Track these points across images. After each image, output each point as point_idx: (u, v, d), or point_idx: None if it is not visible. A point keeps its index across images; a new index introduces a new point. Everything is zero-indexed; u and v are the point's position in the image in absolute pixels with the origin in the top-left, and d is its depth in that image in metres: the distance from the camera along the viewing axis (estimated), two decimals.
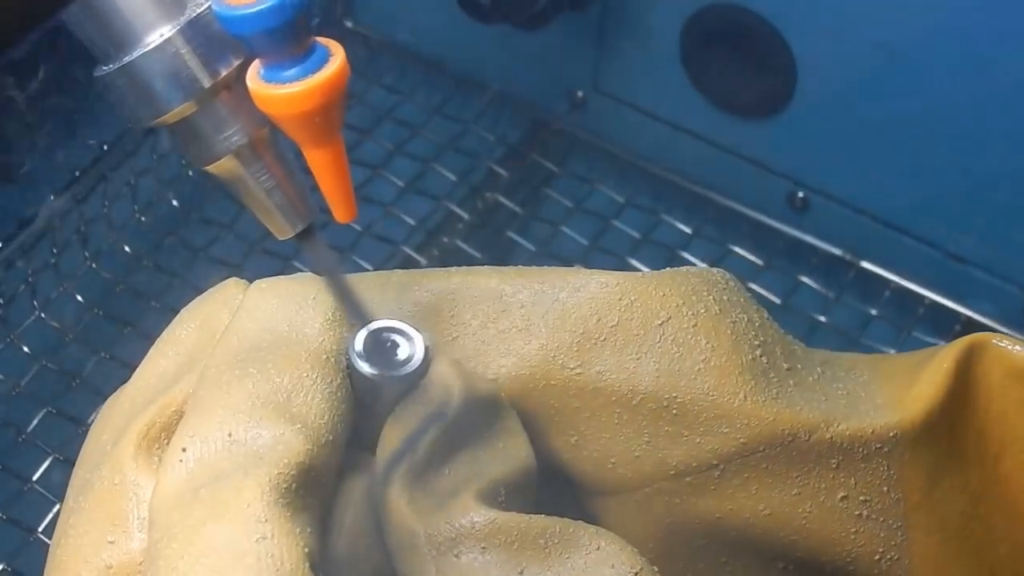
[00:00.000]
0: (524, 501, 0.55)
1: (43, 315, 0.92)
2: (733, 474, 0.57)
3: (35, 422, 0.87)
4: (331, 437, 0.51)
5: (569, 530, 0.52)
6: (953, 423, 0.59)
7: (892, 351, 0.95)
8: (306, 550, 0.47)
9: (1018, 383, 0.59)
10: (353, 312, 0.53)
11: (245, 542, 0.46)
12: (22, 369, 0.89)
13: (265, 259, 0.97)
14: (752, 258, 1.01)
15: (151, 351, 0.57)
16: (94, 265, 0.95)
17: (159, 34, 0.48)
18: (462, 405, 0.53)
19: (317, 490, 0.50)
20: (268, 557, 0.46)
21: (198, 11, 0.48)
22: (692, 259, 1.01)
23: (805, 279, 1.00)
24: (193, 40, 0.48)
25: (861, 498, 0.58)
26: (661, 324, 0.57)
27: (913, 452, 0.58)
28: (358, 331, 0.53)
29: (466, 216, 1.04)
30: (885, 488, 0.58)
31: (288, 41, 0.46)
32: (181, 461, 0.49)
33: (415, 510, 0.51)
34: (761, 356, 0.58)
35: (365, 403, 0.54)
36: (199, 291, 0.93)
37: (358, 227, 0.99)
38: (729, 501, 0.58)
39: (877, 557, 0.59)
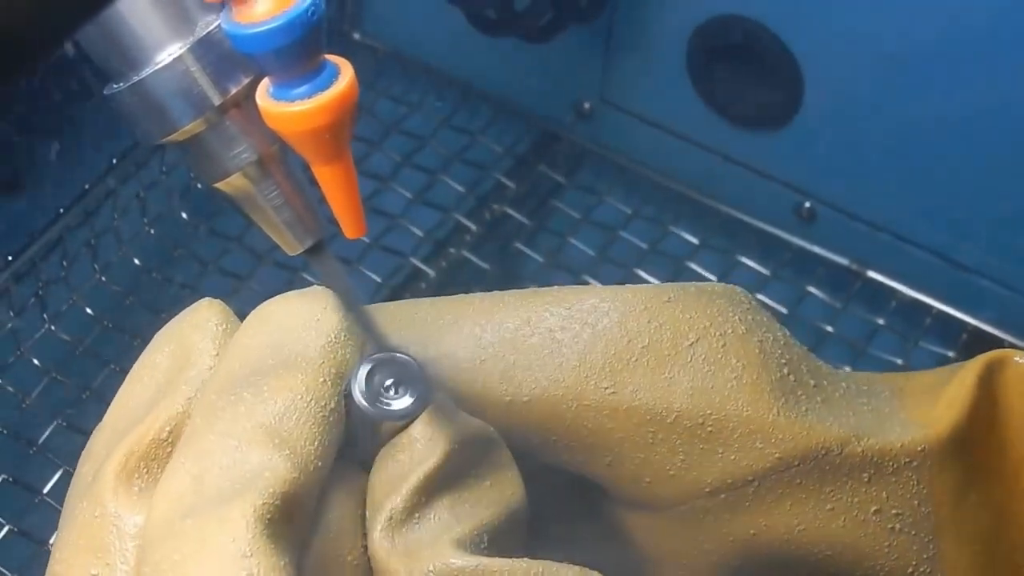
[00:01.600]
0: (510, 542, 0.55)
1: (53, 328, 0.92)
2: (768, 490, 0.57)
3: (46, 434, 0.87)
4: (319, 463, 0.51)
5: (552, 574, 0.52)
6: (977, 439, 0.59)
7: (899, 361, 0.96)
8: None
9: None
10: (363, 330, 0.53)
11: None
12: (32, 382, 0.90)
13: (274, 271, 0.97)
14: (759, 268, 1.01)
15: (127, 378, 0.57)
16: (103, 278, 0.95)
17: (169, 52, 0.48)
18: (452, 446, 0.53)
19: (300, 518, 0.50)
20: None
21: (208, 29, 0.48)
22: (699, 270, 1.01)
23: (812, 289, 1.01)
24: (203, 58, 0.48)
25: (894, 511, 0.58)
26: (691, 344, 0.57)
27: (940, 467, 0.58)
28: (362, 362, 0.53)
29: (474, 227, 1.04)
30: (916, 502, 0.58)
31: (297, 59, 0.46)
32: (170, 487, 0.50)
33: (396, 552, 0.51)
34: (788, 374, 0.58)
35: (362, 428, 0.54)
36: None
37: (366, 239, 1.00)
38: (764, 518, 0.58)
39: (910, 571, 0.59)
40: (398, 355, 0.53)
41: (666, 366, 0.57)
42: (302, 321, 0.54)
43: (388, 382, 0.53)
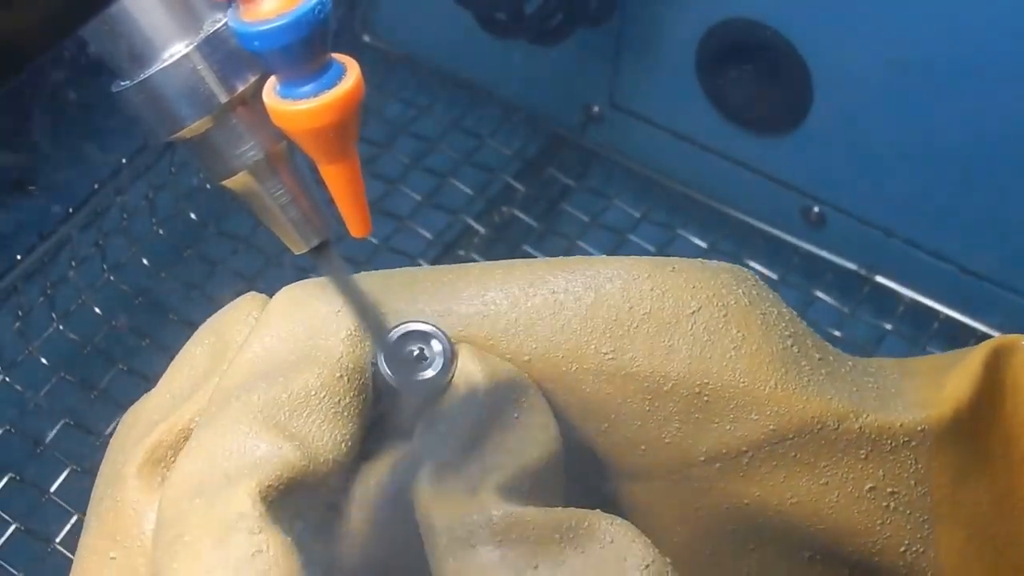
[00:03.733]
0: (551, 484, 0.56)
1: (61, 327, 0.92)
2: (762, 462, 0.58)
3: (53, 433, 0.87)
4: (331, 456, 0.51)
5: (585, 523, 0.53)
6: (980, 424, 0.59)
7: None
8: (300, 561, 0.48)
9: None
10: (370, 325, 0.54)
11: (242, 558, 0.47)
12: (41, 381, 0.90)
13: (283, 272, 0.97)
14: (767, 273, 1.01)
15: (168, 368, 0.58)
16: (112, 278, 0.95)
17: (176, 50, 0.48)
18: (487, 395, 0.54)
19: (315, 505, 0.51)
20: (264, 572, 0.47)
21: (215, 27, 0.48)
22: None
23: (820, 294, 1.01)
24: (210, 56, 0.48)
25: (889, 490, 0.58)
26: (692, 313, 0.57)
27: (940, 449, 0.58)
28: (383, 338, 0.53)
29: (482, 230, 1.04)
30: (912, 482, 0.59)
31: (304, 58, 0.46)
32: (183, 470, 0.50)
33: (439, 502, 0.52)
34: (792, 345, 0.58)
35: (395, 403, 0.54)
36: (217, 303, 0.94)
37: (375, 240, 1.00)
38: (757, 488, 0.58)
39: (903, 549, 0.59)
40: (417, 325, 0.54)
41: (666, 334, 0.57)
42: (323, 313, 0.54)
43: (415, 353, 0.54)
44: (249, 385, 0.52)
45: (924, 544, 0.59)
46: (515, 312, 0.57)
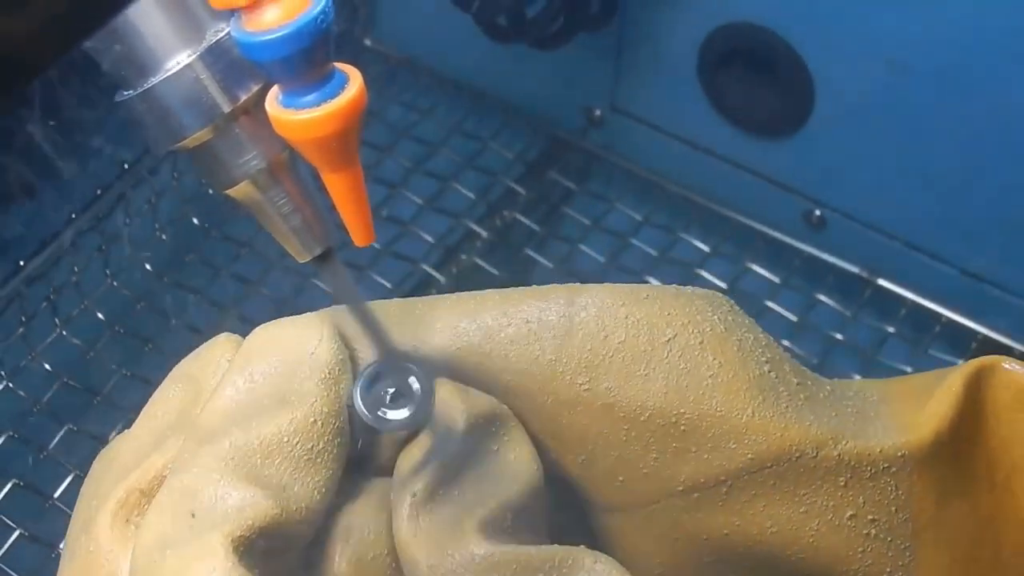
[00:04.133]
0: (534, 517, 0.55)
1: (64, 332, 0.92)
2: (740, 490, 0.57)
3: (56, 439, 0.87)
4: (303, 504, 0.51)
5: (569, 560, 0.53)
6: (962, 446, 0.59)
7: (909, 369, 0.95)
8: None
9: None
10: (372, 339, 0.54)
11: None
12: (43, 386, 0.90)
13: (285, 276, 0.97)
14: (769, 276, 1.01)
15: (143, 411, 0.57)
16: (115, 283, 0.95)
17: (179, 60, 0.49)
18: (466, 431, 0.54)
19: (286, 552, 0.50)
20: None
21: (218, 37, 0.49)
22: (709, 277, 1.01)
23: (822, 297, 1.01)
24: (213, 66, 0.49)
25: (869, 517, 0.58)
26: (667, 341, 0.57)
27: (921, 473, 0.58)
28: (359, 378, 0.53)
29: (484, 234, 1.04)
30: (893, 508, 0.58)
31: (306, 67, 0.46)
32: (154, 520, 0.50)
33: (421, 540, 0.52)
34: (770, 371, 0.58)
35: (374, 441, 0.54)
36: (220, 308, 0.95)
37: (377, 245, 1.00)
38: (737, 517, 0.58)
39: None
40: (396, 364, 0.54)
41: (642, 362, 0.57)
42: (296, 354, 0.54)
43: (389, 392, 0.53)
44: (221, 431, 0.51)
45: (906, 571, 0.59)
46: (488, 344, 0.56)
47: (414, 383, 0.53)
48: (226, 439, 0.51)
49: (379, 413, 0.53)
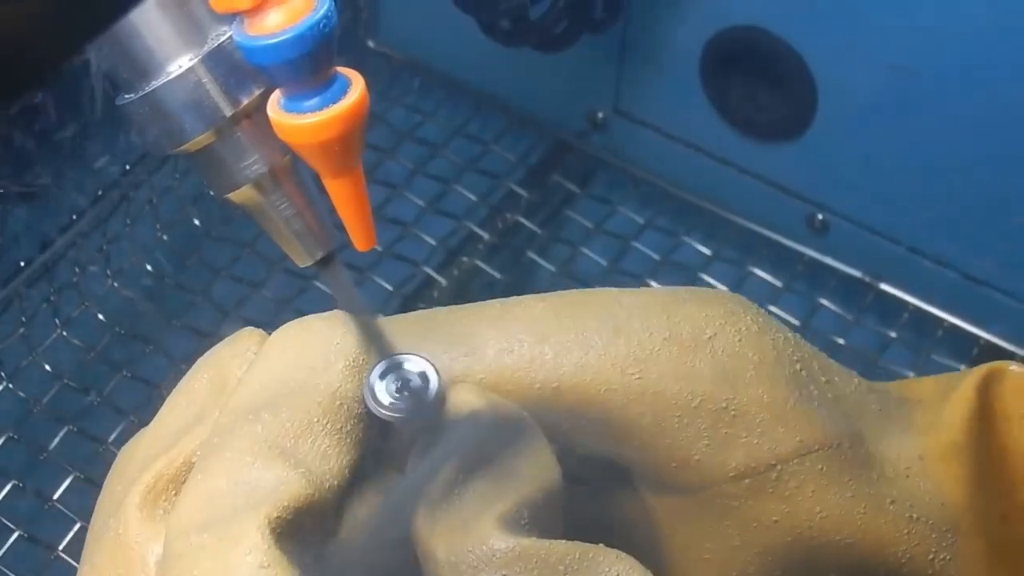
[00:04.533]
0: (549, 519, 0.56)
1: (65, 333, 0.92)
2: (790, 476, 0.59)
3: (56, 440, 0.87)
4: (335, 482, 0.52)
5: (589, 556, 0.53)
6: (978, 446, 0.60)
7: (911, 374, 0.95)
8: None
9: None
10: (373, 342, 0.54)
11: None
12: (44, 387, 0.90)
13: (287, 278, 0.97)
14: (771, 280, 1.01)
15: (166, 402, 0.58)
16: (116, 284, 0.95)
17: (181, 63, 0.48)
18: (485, 429, 0.54)
19: (317, 532, 0.51)
20: None
21: (220, 41, 0.48)
22: (712, 281, 1.01)
23: (824, 301, 1.01)
24: (215, 69, 0.48)
25: (908, 503, 0.60)
26: (709, 339, 0.59)
27: (947, 469, 0.60)
28: (372, 370, 0.53)
29: (486, 236, 1.04)
30: (927, 498, 0.60)
31: (308, 71, 0.46)
32: (188, 503, 0.50)
33: (439, 533, 0.52)
34: (801, 370, 0.60)
35: (388, 434, 0.54)
36: (221, 310, 0.95)
37: (378, 247, 0.99)
38: (786, 503, 0.59)
39: (930, 557, 0.60)
40: (410, 356, 0.54)
41: (688, 354, 0.58)
42: (322, 344, 0.55)
43: (400, 385, 0.54)
44: (251, 416, 0.52)
45: (950, 552, 0.60)
46: (541, 345, 0.58)
47: (429, 378, 0.54)
48: (257, 423, 0.52)
49: (389, 404, 0.53)
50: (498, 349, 0.57)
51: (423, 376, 0.54)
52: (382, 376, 0.54)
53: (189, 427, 0.55)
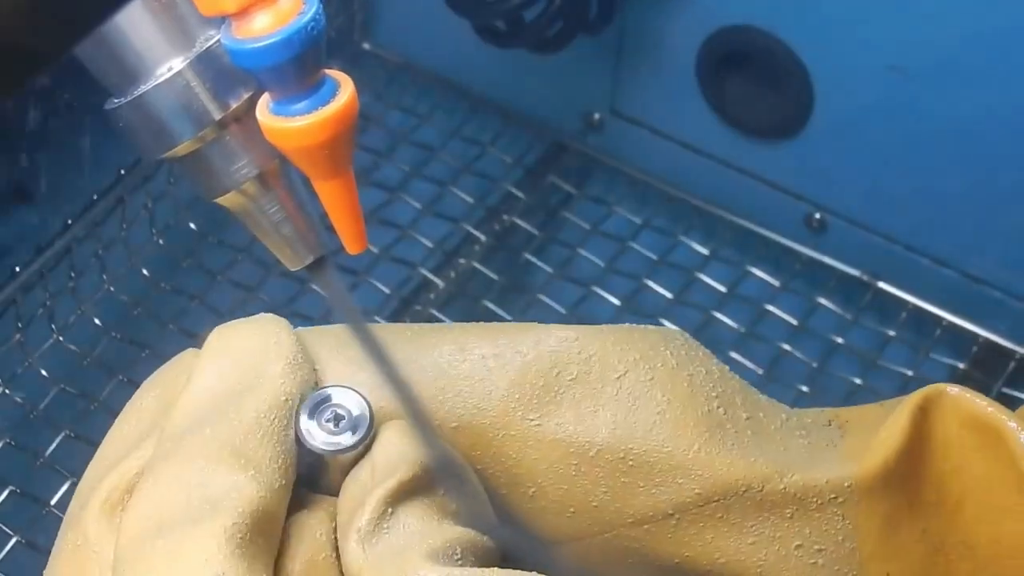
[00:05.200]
0: (483, 555, 0.55)
1: (61, 338, 0.92)
2: (689, 523, 0.58)
3: (53, 446, 0.87)
4: (283, 481, 0.52)
5: None
6: (910, 473, 0.60)
7: (910, 372, 0.95)
8: None
9: (974, 432, 0.59)
10: (364, 344, 0.53)
11: None
12: (40, 393, 0.89)
13: (282, 282, 0.97)
14: (769, 279, 1.01)
15: (116, 421, 0.58)
16: (112, 288, 0.95)
17: (170, 67, 0.48)
18: (417, 466, 0.54)
19: (270, 535, 0.51)
20: None
21: (208, 44, 0.48)
22: (709, 281, 1.00)
23: (822, 300, 1.00)
24: (203, 73, 0.48)
25: (816, 547, 0.59)
26: (618, 378, 0.58)
27: (868, 502, 0.59)
28: (304, 404, 0.54)
29: (483, 238, 1.04)
30: (840, 537, 0.59)
31: (297, 75, 0.46)
32: (141, 508, 0.50)
33: (369, 567, 0.52)
34: (718, 408, 0.59)
35: (322, 464, 0.54)
36: (217, 314, 0.95)
37: (375, 249, 0.99)
38: (686, 548, 0.59)
39: None
40: (342, 388, 0.54)
41: (592, 399, 0.58)
42: (260, 345, 0.55)
43: (331, 416, 0.54)
44: (198, 420, 0.52)
45: None
46: (443, 380, 0.57)
47: (357, 409, 0.54)
48: (204, 426, 0.52)
49: (321, 438, 0.54)
50: (405, 381, 0.56)
51: (354, 409, 0.54)
52: (312, 411, 0.54)
53: (139, 441, 0.55)
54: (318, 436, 0.54)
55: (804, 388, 0.94)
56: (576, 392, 0.58)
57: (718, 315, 0.98)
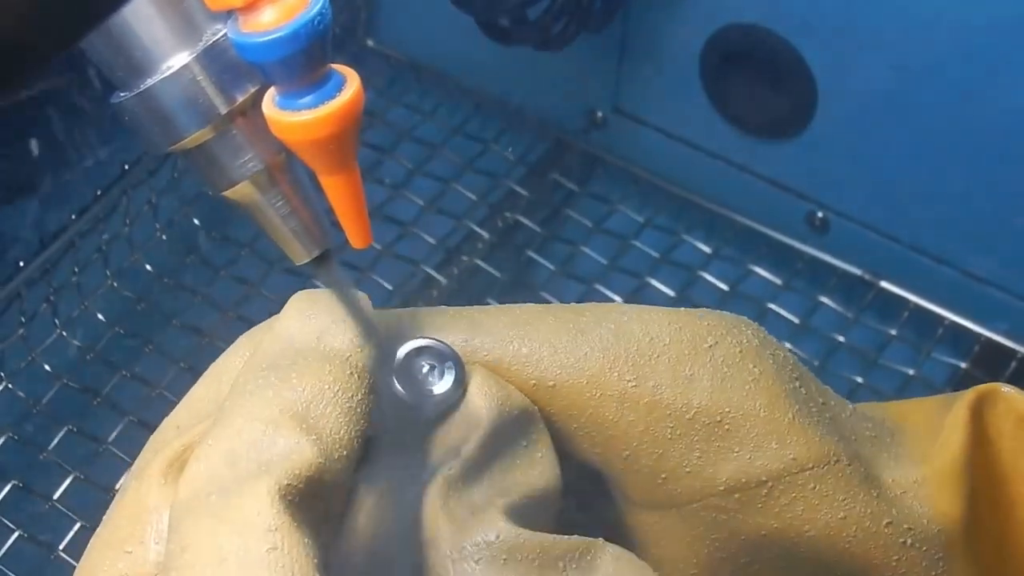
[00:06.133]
0: (548, 517, 0.56)
1: (64, 333, 0.92)
2: (781, 492, 0.58)
3: (56, 440, 0.87)
4: (344, 452, 0.51)
5: (590, 551, 0.53)
6: (973, 472, 0.60)
7: (911, 372, 0.96)
8: (315, 560, 0.48)
9: None
10: (368, 337, 0.54)
11: (256, 552, 0.47)
12: (43, 387, 0.90)
13: (285, 278, 0.97)
14: (771, 278, 1.01)
15: (201, 377, 0.58)
16: (115, 283, 0.95)
17: (176, 61, 0.48)
18: (499, 418, 0.54)
19: (327, 500, 0.51)
20: (279, 568, 0.47)
21: (215, 38, 0.48)
22: (711, 279, 1.01)
23: (824, 299, 1.00)
24: (210, 67, 0.48)
25: (905, 526, 0.59)
26: (710, 348, 0.58)
27: (942, 495, 0.59)
28: (396, 352, 0.54)
29: (486, 235, 1.04)
30: (925, 520, 0.59)
31: (302, 69, 0.46)
32: (198, 467, 0.50)
33: (446, 517, 0.52)
34: (800, 387, 0.59)
35: (400, 416, 0.54)
36: (220, 309, 0.94)
37: (378, 246, 1.00)
38: (775, 519, 0.59)
39: None
40: (433, 342, 0.54)
41: (686, 363, 0.58)
42: (333, 316, 0.54)
43: (425, 368, 0.54)
44: (263, 382, 0.52)
45: None
46: (539, 340, 0.57)
47: (448, 364, 0.54)
48: (268, 389, 0.52)
49: (412, 389, 0.54)
50: (496, 340, 0.57)
51: (445, 361, 0.54)
52: (404, 358, 0.54)
53: (220, 401, 0.55)
54: (410, 387, 0.54)
55: None
56: (670, 357, 0.58)
57: None
